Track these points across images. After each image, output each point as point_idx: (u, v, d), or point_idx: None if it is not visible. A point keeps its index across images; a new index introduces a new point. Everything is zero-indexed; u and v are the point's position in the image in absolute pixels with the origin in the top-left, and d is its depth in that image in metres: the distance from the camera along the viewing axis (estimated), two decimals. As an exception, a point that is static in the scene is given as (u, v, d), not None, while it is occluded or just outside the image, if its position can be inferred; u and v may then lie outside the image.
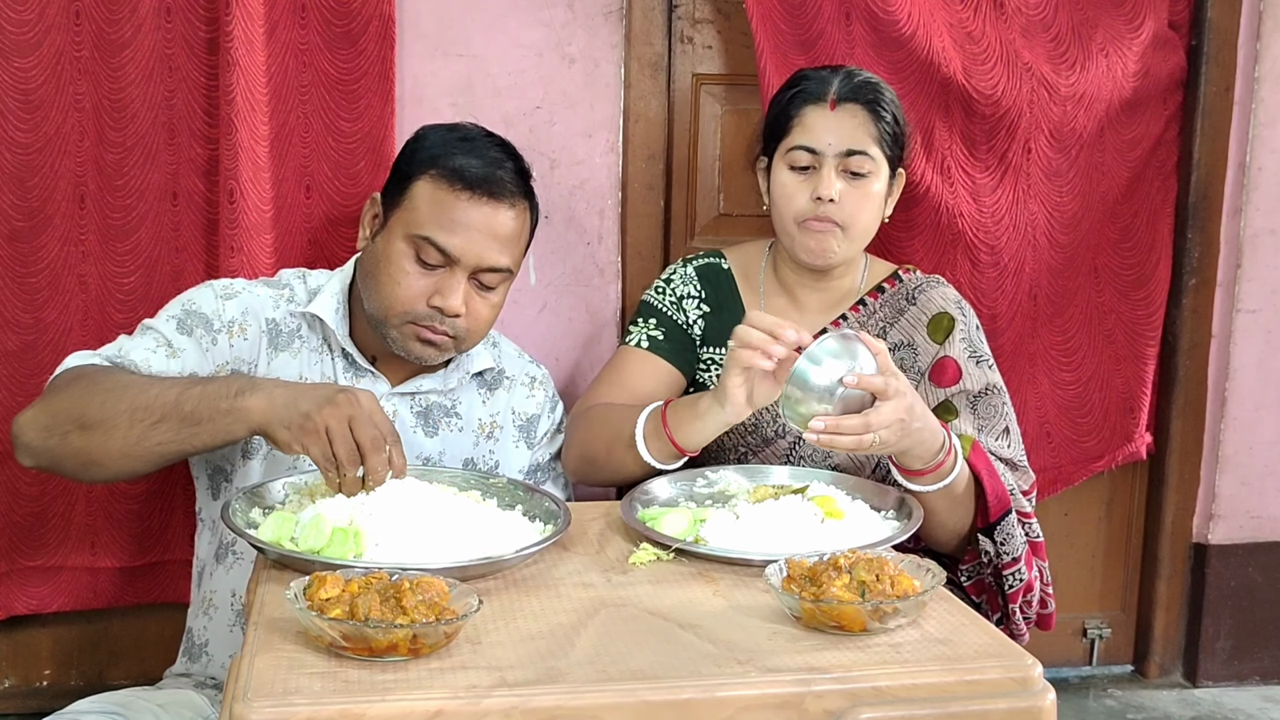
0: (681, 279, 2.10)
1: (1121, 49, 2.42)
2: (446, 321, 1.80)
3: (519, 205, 1.84)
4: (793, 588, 1.33)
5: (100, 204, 2.14)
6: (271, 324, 1.87)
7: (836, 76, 1.96)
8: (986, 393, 2.00)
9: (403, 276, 1.79)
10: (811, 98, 1.95)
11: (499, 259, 1.81)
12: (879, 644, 1.28)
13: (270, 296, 1.89)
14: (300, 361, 1.87)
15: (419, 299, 1.79)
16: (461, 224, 1.78)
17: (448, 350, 1.84)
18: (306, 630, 1.23)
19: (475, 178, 1.79)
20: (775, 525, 1.56)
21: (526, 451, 2.00)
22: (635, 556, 1.53)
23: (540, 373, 2.05)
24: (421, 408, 1.92)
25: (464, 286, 1.79)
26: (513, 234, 1.83)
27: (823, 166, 1.93)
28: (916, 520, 1.63)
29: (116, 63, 2.10)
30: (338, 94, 2.18)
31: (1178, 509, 2.73)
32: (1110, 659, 2.84)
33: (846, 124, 1.93)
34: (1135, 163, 2.51)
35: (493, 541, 1.48)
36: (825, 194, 1.91)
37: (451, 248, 1.77)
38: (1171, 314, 2.62)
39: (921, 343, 2.00)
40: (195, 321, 1.82)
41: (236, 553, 1.87)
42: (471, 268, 1.79)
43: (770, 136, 2.01)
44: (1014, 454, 2.00)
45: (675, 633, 1.30)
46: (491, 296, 1.84)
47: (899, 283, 2.06)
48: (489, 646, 1.26)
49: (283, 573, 1.41)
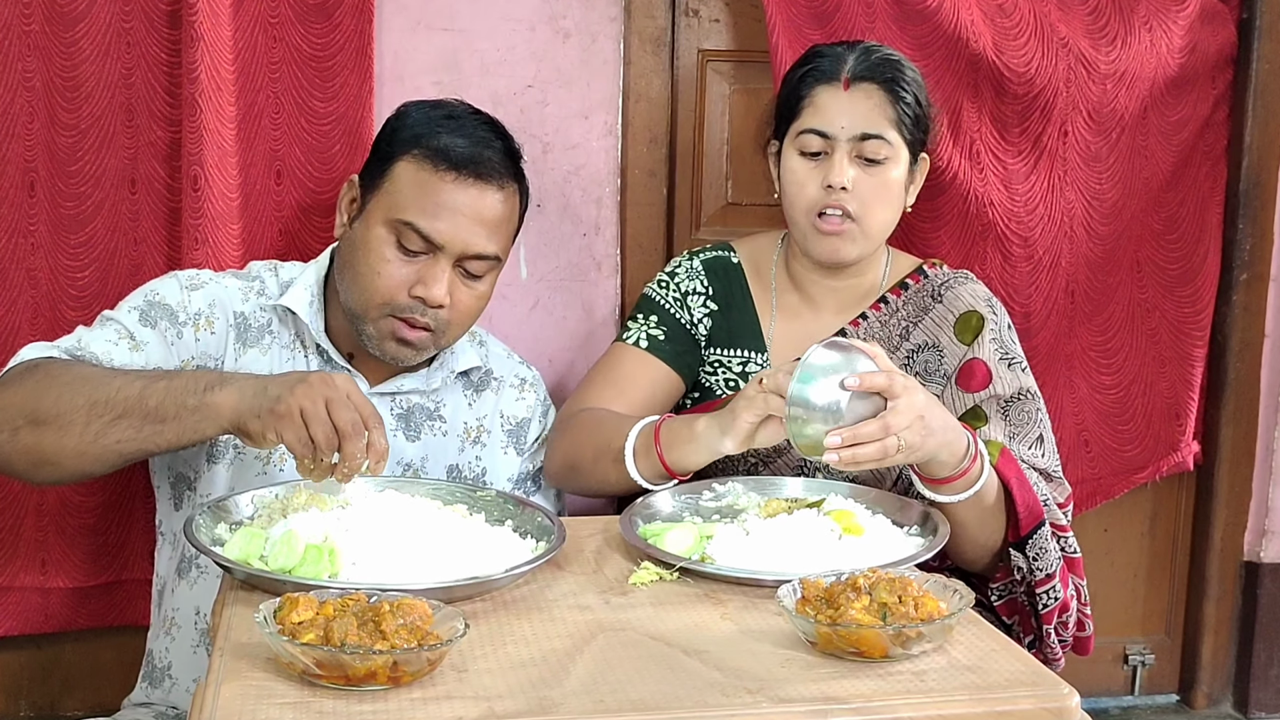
0: (687, 273, 2.11)
1: (1166, 22, 2.42)
2: (429, 313, 1.80)
3: (508, 188, 1.84)
4: (808, 610, 1.33)
5: (51, 192, 2.14)
6: (240, 317, 1.87)
7: (852, 53, 1.96)
8: (1019, 398, 1.99)
9: (383, 265, 1.79)
10: (824, 76, 1.95)
11: (486, 246, 1.81)
12: (902, 671, 1.28)
13: (239, 288, 1.89)
14: (270, 358, 1.88)
15: (400, 289, 1.79)
16: (446, 208, 1.78)
17: (425, 350, 1.85)
18: (277, 657, 1.23)
19: (461, 158, 1.79)
20: (788, 542, 1.56)
21: (516, 459, 2.00)
22: (636, 576, 1.53)
23: (531, 374, 2.06)
24: (403, 409, 1.93)
25: (449, 275, 1.80)
26: (501, 219, 1.83)
27: (835, 151, 1.93)
28: (942, 536, 1.63)
29: (70, 37, 2.10)
30: (311, 71, 2.19)
31: (1227, 524, 2.73)
32: (1154, 688, 2.84)
33: (861, 105, 1.93)
34: (1181, 146, 2.51)
35: (480, 560, 1.48)
36: (837, 181, 1.91)
37: (435, 233, 1.78)
38: (1221, 311, 2.63)
39: (948, 344, 2.00)
40: (159, 313, 1.82)
41: (200, 566, 1.88)
42: (457, 255, 1.80)
43: (781, 119, 2.02)
44: (1049, 464, 2.00)
45: (679, 659, 1.30)
46: (478, 286, 1.84)
47: (924, 278, 2.06)
48: (476, 674, 1.26)
49: (251, 594, 1.41)
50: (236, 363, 1.86)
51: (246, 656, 1.27)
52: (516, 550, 1.55)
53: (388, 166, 1.82)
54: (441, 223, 1.78)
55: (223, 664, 1.25)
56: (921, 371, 2.00)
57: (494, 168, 1.82)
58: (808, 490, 1.79)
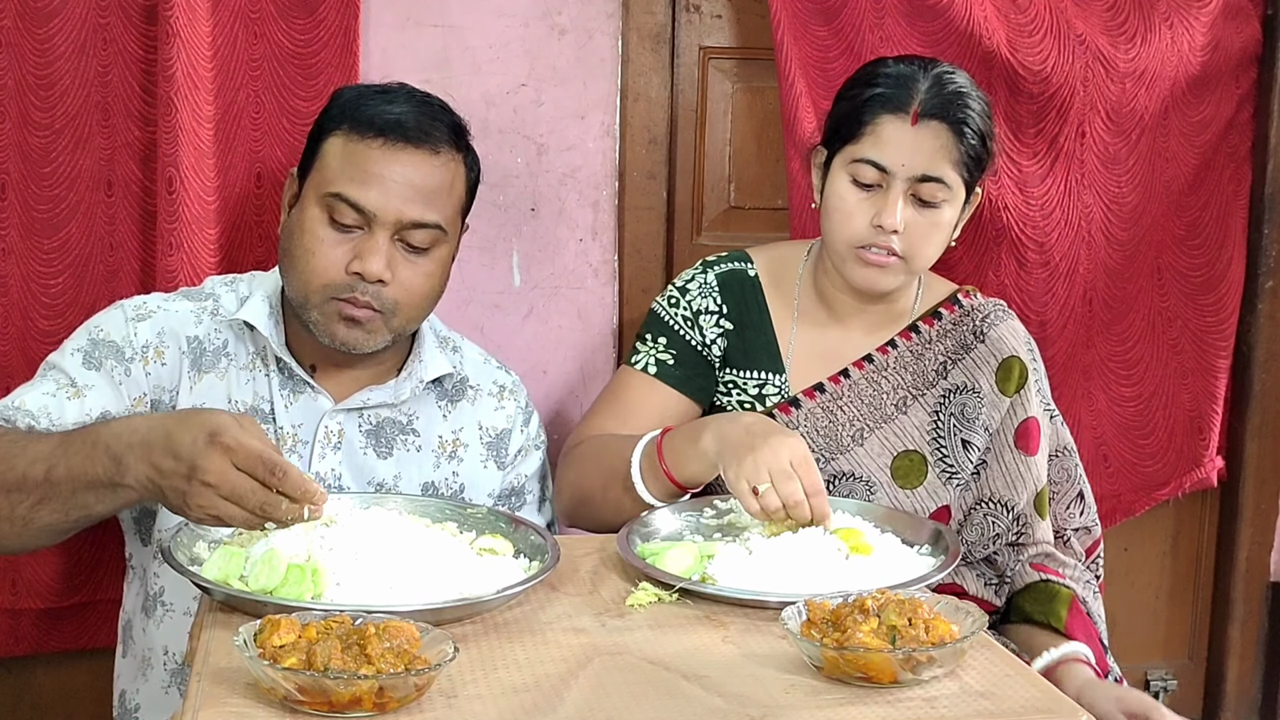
0: (700, 289, 2.07)
1: (1188, 19, 2.43)
2: (370, 291, 1.77)
3: (444, 153, 1.81)
4: (813, 633, 1.33)
5: (24, 194, 2.13)
6: (193, 342, 1.85)
7: (924, 81, 1.91)
8: (1058, 454, 2.06)
9: (317, 244, 1.77)
10: (891, 105, 1.90)
11: (424, 213, 1.78)
12: (912, 698, 1.28)
13: (191, 311, 1.87)
14: (228, 382, 1.86)
15: (337, 266, 1.77)
16: (375, 175, 1.76)
17: (376, 332, 1.80)
18: (258, 682, 1.23)
19: (388, 122, 1.78)
20: (793, 562, 1.56)
21: (497, 473, 1.98)
22: (634, 597, 1.53)
23: (510, 380, 2.03)
24: (372, 425, 1.90)
25: (387, 248, 1.77)
26: (439, 185, 1.80)
27: (890, 189, 1.89)
28: (954, 557, 1.63)
29: (43, 34, 2.10)
30: (293, 69, 2.19)
31: (1253, 543, 2.73)
32: (1176, 713, 2.83)
33: (927, 145, 1.89)
34: (1204, 148, 2.52)
35: (470, 580, 1.48)
36: (889, 224, 1.89)
37: (366, 202, 1.76)
38: (1245, 321, 2.63)
39: (988, 391, 2.00)
40: (105, 352, 1.80)
41: (166, 603, 1.87)
42: (392, 225, 1.77)
43: (835, 133, 1.97)
44: (1088, 520, 2.08)
45: (679, 684, 1.30)
46: (423, 262, 1.81)
47: (958, 308, 2.05)
48: (466, 700, 1.25)
49: (231, 615, 1.41)
50: (192, 391, 1.83)
51: (226, 681, 1.26)
52: (508, 570, 1.55)
53: (318, 146, 1.82)
54: (372, 190, 1.75)
55: (201, 689, 1.25)
56: (958, 415, 2.00)
57: (424, 131, 1.79)
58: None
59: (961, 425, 1.99)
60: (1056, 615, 1.93)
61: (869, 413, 2.00)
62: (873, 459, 1.99)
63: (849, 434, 2.00)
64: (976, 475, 2.01)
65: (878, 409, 2.00)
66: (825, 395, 2.01)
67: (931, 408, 2.01)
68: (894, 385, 2.01)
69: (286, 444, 1.86)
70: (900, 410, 2.01)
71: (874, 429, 2.00)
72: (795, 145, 2.33)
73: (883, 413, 2.00)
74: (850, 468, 1.98)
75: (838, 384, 2.01)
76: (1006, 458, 1.99)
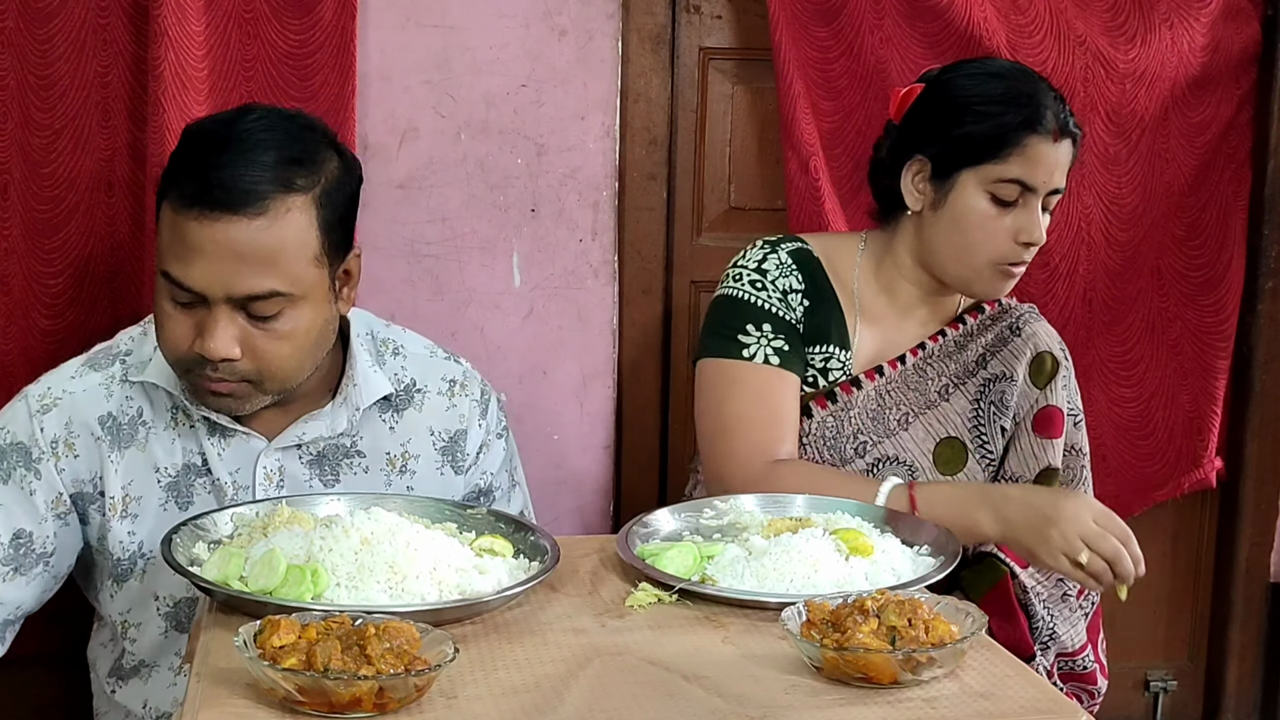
0: (778, 267, 2.03)
1: (1188, 19, 2.43)
2: (221, 368, 1.65)
3: (274, 207, 1.61)
4: (813, 634, 1.33)
5: (25, 195, 2.14)
6: (107, 420, 1.76)
7: (1052, 99, 1.95)
8: (1070, 453, 2.08)
9: (165, 319, 1.66)
10: (1037, 125, 1.91)
11: (256, 283, 1.62)
12: (911, 698, 1.28)
13: (99, 384, 1.77)
14: (150, 452, 1.77)
15: (183, 343, 1.65)
16: (195, 250, 1.61)
17: (249, 397, 1.70)
18: (258, 682, 1.23)
19: (202, 190, 1.60)
20: (793, 562, 1.56)
21: (457, 478, 1.90)
22: (633, 598, 1.53)
23: (460, 370, 1.92)
24: (312, 455, 1.82)
25: (227, 324, 1.63)
26: (270, 247, 1.62)
27: (1029, 205, 1.93)
28: (954, 557, 1.63)
29: (43, 34, 2.10)
30: (288, 69, 2.18)
31: (1253, 544, 2.73)
32: (1176, 715, 2.83)
33: (1063, 160, 1.94)
34: (1204, 149, 2.52)
35: (470, 580, 1.48)
36: (1039, 239, 1.94)
37: (191, 281, 1.62)
38: (1245, 321, 2.63)
39: (1021, 380, 2.04)
40: (13, 460, 1.73)
41: (149, 664, 1.86)
42: (223, 301, 1.62)
43: (970, 149, 1.94)
44: None
45: (679, 685, 1.30)
46: (278, 326, 1.65)
47: (998, 305, 2.10)
48: (465, 701, 1.25)
49: (231, 616, 1.41)
50: (118, 472, 1.76)
51: (226, 682, 1.26)
52: (508, 570, 1.55)
53: (158, 212, 1.68)
54: (194, 268, 1.61)
55: (200, 690, 1.25)
56: (997, 402, 2.04)
57: (241, 190, 1.60)
58: (812, 507, 1.79)
59: (1000, 412, 2.04)
60: (976, 587, 1.97)
61: (915, 399, 2.03)
62: (916, 444, 2.02)
63: (895, 418, 2.02)
64: (1000, 460, 2.06)
65: (923, 395, 2.04)
66: (883, 379, 2.03)
67: (972, 396, 2.04)
68: (938, 373, 2.05)
69: (226, 494, 1.78)
70: (943, 398, 2.04)
71: (919, 415, 2.03)
72: (793, 146, 2.34)
73: (927, 399, 2.04)
74: (895, 452, 2.00)
75: (895, 369, 2.04)
76: (1023, 440, 2.04)
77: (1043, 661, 1.99)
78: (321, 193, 1.66)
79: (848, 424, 2.01)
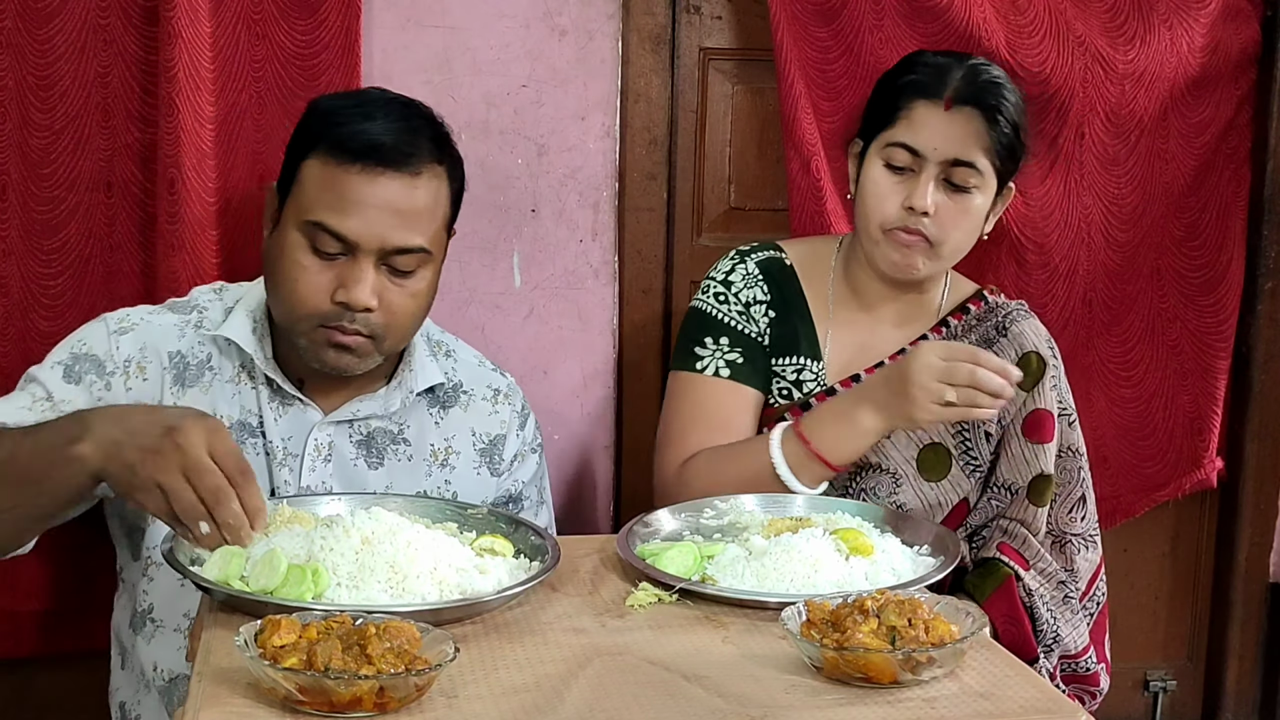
0: (744, 279, 2.08)
1: (1187, 20, 2.43)
2: (358, 319, 1.74)
3: (425, 172, 1.77)
4: (813, 634, 1.33)
5: (24, 195, 2.14)
6: (176, 358, 1.84)
7: (959, 70, 1.96)
8: (1066, 454, 2.04)
9: (300, 272, 1.74)
10: (926, 90, 1.94)
11: (408, 238, 1.75)
12: (911, 698, 1.28)
13: (175, 324, 1.85)
14: (213, 396, 1.84)
15: (322, 295, 1.74)
16: (355, 202, 1.72)
17: (367, 355, 1.79)
18: (258, 682, 1.23)
19: (365, 146, 1.73)
20: (793, 562, 1.56)
21: (492, 480, 1.97)
22: (633, 598, 1.53)
23: (505, 383, 2.01)
24: (362, 436, 1.89)
25: (372, 275, 1.74)
26: (422, 207, 1.76)
27: (922, 172, 1.93)
28: (954, 557, 1.63)
29: (43, 35, 2.10)
30: (295, 70, 2.19)
31: (1253, 544, 2.73)
32: (1176, 715, 2.83)
33: (959, 129, 1.93)
34: (1203, 150, 2.52)
35: (470, 580, 1.48)
36: (920, 205, 1.92)
37: (348, 231, 1.72)
38: (1245, 322, 2.62)
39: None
40: (86, 366, 1.80)
41: (156, 620, 1.86)
42: (375, 252, 1.73)
43: (870, 122, 2.01)
44: (1087, 528, 2.06)
45: (679, 685, 1.30)
46: (410, 284, 1.78)
47: (984, 304, 2.09)
48: (466, 701, 1.25)
49: (232, 616, 1.41)
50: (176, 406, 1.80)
51: (226, 682, 1.27)
52: (508, 570, 1.55)
53: (297, 167, 1.78)
54: (352, 219, 1.72)
55: (201, 689, 1.25)
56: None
57: (403, 153, 1.74)
58: (813, 508, 1.79)
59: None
60: (980, 589, 1.95)
61: None
62: (899, 451, 2.00)
63: None
64: (991, 465, 2.03)
65: None
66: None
67: None
68: None
69: (276, 457, 1.85)
70: None
71: None
72: (795, 146, 2.34)
73: None
74: (878, 460, 1.99)
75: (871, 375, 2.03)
76: (1014, 446, 2.00)
77: (1046, 664, 1.98)
78: (452, 167, 1.82)
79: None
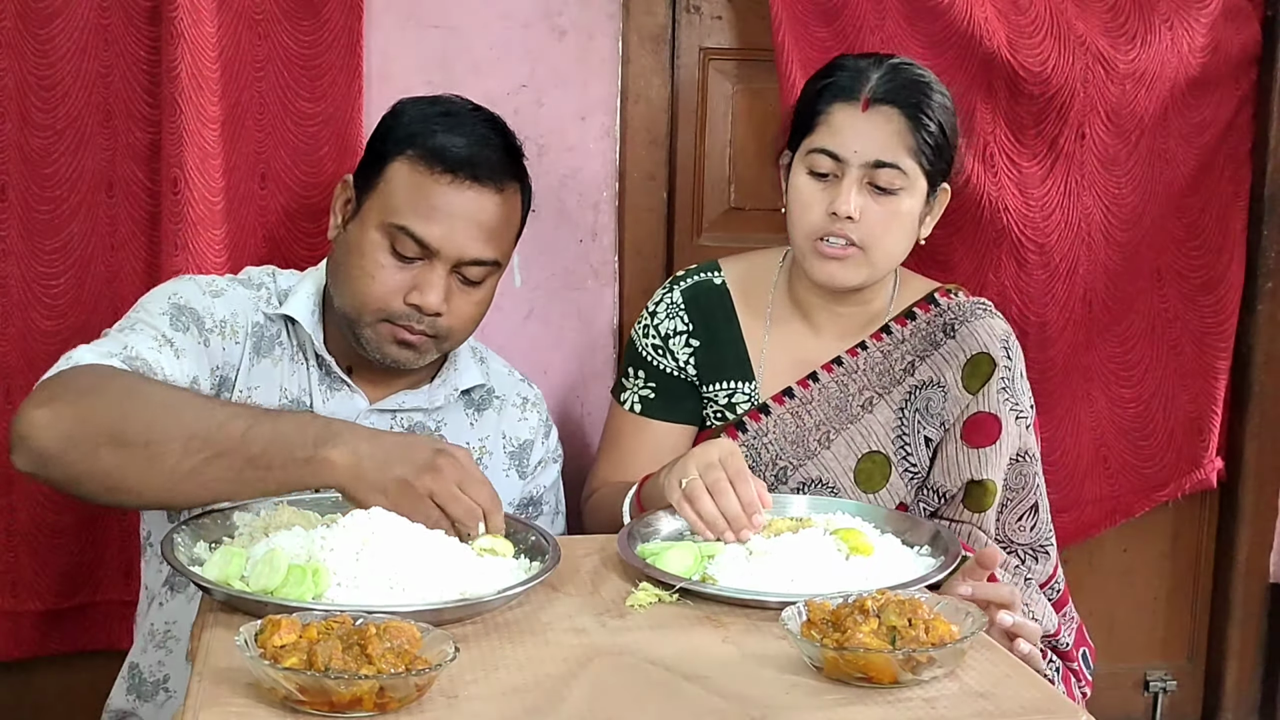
0: (667, 310, 2.08)
1: (1188, 20, 2.43)
2: (425, 320, 1.80)
3: (508, 189, 1.84)
4: (813, 634, 1.33)
5: (24, 195, 2.14)
6: (256, 327, 1.88)
7: (877, 71, 1.92)
8: (1019, 459, 1.99)
9: (377, 270, 1.79)
10: (842, 93, 1.91)
11: (484, 251, 1.81)
12: (912, 698, 1.28)
13: (249, 297, 1.89)
14: (280, 370, 1.88)
15: (395, 295, 1.79)
16: (442, 211, 1.78)
17: (427, 352, 1.84)
18: (258, 682, 1.23)
19: (457, 159, 1.79)
20: (793, 562, 1.56)
21: (519, 482, 2.00)
22: (634, 598, 1.53)
23: (533, 393, 2.06)
24: (403, 428, 1.92)
25: (445, 281, 1.80)
26: (500, 222, 1.83)
27: (845, 176, 1.89)
28: (954, 557, 1.63)
29: (45, 34, 2.10)
30: (297, 70, 2.19)
31: (1252, 544, 2.73)
32: (1176, 715, 2.83)
33: (879, 130, 1.89)
34: (1203, 150, 2.52)
35: (471, 580, 1.48)
36: (843, 209, 1.87)
37: (431, 238, 1.78)
38: (1245, 322, 2.63)
39: (952, 385, 1.98)
40: (189, 318, 1.81)
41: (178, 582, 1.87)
42: (453, 260, 1.80)
43: (795, 131, 1.98)
44: (1037, 537, 2.01)
45: (679, 685, 1.30)
46: (476, 293, 1.84)
47: (934, 307, 2.03)
48: (466, 701, 1.25)
49: (232, 615, 1.41)
50: (249, 374, 1.85)
51: (227, 681, 1.27)
52: (509, 570, 1.55)
53: (382, 167, 1.82)
54: (437, 227, 1.78)
55: (201, 689, 1.25)
56: (922, 410, 1.99)
57: (492, 169, 1.81)
58: (813, 508, 1.79)
59: (925, 421, 1.99)
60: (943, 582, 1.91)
61: (835, 415, 2.00)
62: (838, 462, 1.99)
63: (815, 438, 2.00)
64: (930, 469, 2.01)
65: (844, 411, 2.00)
66: (794, 400, 2.01)
67: (897, 405, 1.99)
68: (860, 387, 2.00)
69: None
70: (866, 410, 2.00)
71: (840, 431, 2.00)
72: (795, 146, 2.34)
73: (849, 414, 2.00)
74: (818, 473, 1.99)
75: (806, 388, 2.01)
76: (949, 448, 1.97)
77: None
78: (525, 187, 1.89)
79: (764, 451, 2.00)
